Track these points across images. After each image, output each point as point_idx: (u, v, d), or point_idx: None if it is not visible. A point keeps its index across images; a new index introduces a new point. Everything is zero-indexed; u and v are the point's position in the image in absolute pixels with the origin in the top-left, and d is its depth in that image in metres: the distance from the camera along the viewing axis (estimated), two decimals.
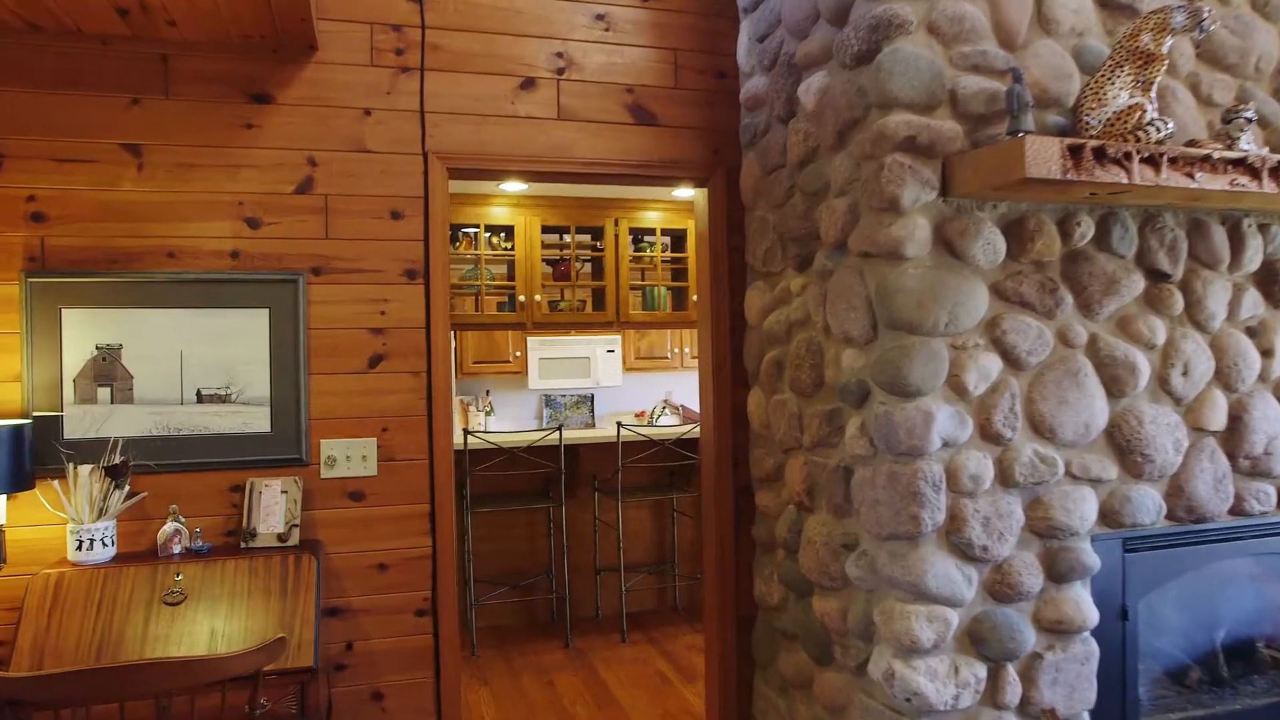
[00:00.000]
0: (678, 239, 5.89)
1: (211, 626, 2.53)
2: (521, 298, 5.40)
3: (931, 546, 2.40)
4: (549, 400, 7.63)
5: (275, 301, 2.88)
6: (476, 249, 5.40)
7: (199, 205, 2.85)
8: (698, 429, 5.10)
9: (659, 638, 5.05)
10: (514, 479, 5.10)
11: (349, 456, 2.93)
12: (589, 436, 5.29)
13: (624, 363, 7.52)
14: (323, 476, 2.91)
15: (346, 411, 2.93)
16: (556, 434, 4.88)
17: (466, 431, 4.75)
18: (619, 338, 7.44)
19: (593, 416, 7.68)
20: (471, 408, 7.30)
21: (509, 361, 7.26)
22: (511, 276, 5.50)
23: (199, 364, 2.83)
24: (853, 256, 2.57)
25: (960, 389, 2.42)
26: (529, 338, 7.25)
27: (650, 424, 7.37)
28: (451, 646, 3.01)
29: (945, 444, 2.40)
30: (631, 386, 7.86)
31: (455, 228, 5.40)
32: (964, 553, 2.41)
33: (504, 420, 7.54)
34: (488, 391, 7.46)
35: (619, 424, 4.95)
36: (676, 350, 7.63)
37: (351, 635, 2.93)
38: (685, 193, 5.45)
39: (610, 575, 5.34)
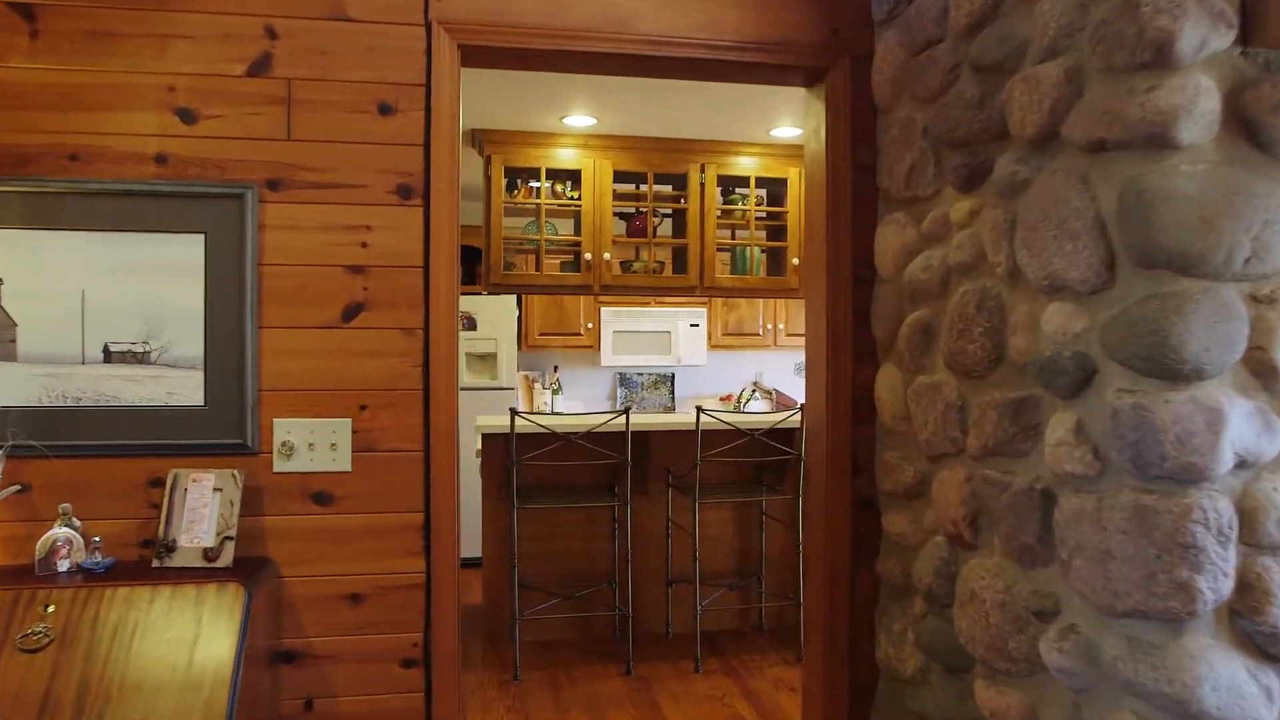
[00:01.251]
0: (775, 191, 4.90)
1: (83, 679, 1.72)
2: (588, 256, 4.51)
3: (1206, 635, 1.40)
4: (624, 379, 6.75)
5: (214, 224, 2.04)
6: (537, 198, 4.54)
7: (114, 90, 2.03)
8: (795, 417, 4.16)
9: (739, 668, 4.12)
10: (572, 470, 4.24)
11: (312, 443, 2.08)
12: (662, 422, 4.39)
13: (709, 339, 6.59)
14: (275, 470, 2.08)
15: (310, 381, 2.09)
16: (623, 418, 4.00)
17: (514, 412, 3.90)
18: (704, 310, 6.51)
19: (673, 398, 6.78)
20: (537, 384, 6.47)
21: (580, 334, 6.42)
22: (578, 231, 4.63)
23: (108, 309, 2.01)
24: (1071, 153, 1.58)
25: (1267, 370, 1.41)
26: (603, 308, 6.38)
27: (737, 409, 6.42)
28: (450, 709, 2.15)
29: (1240, 463, 1.40)
30: (717, 366, 6.92)
31: (512, 173, 4.55)
32: (1262, 648, 1.41)
33: (573, 400, 6.69)
34: (555, 367, 6.62)
35: (699, 409, 4.03)
36: (770, 326, 6.64)
37: (312, 690, 2.10)
38: (787, 132, 4.47)
39: (684, 587, 4.44)
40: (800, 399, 7.15)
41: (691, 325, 6.47)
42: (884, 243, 2.23)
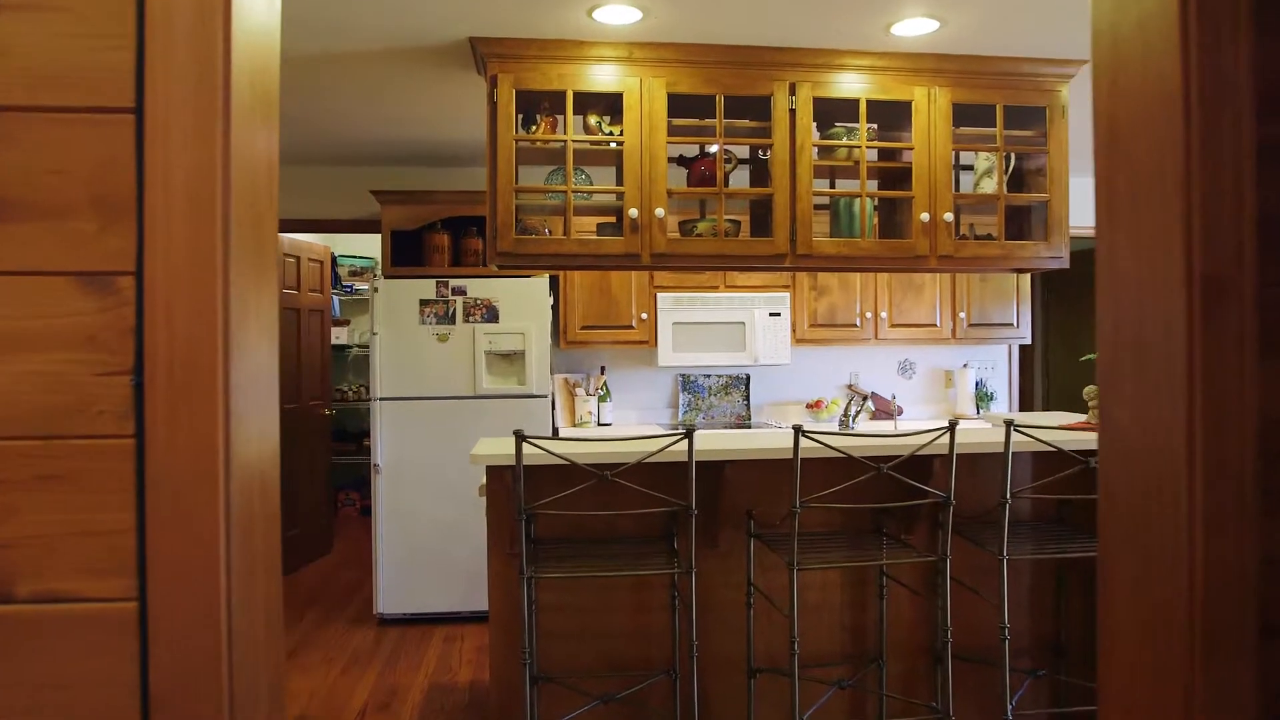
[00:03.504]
0: (892, 124, 3.48)
1: None
2: (634, 213, 3.17)
3: None
4: (686, 382, 5.38)
5: None
6: (562, 132, 3.21)
7: None
8: (944, 440, 2.67)
9: None
10: (611, 519, 2.90)
11: None
12: (742, 449, 3.00)
13: (793, 332, 5.18)
14: None
15: None
16: (684, 442, 2.64)
17: (521, 437, 2.56)
18: (787, 295, 5.09)
19: (747, 406, 5.38)
20: (579, 390, 5.15)
21: (632, 327, 5.07)
22: (619, 180, 3.29)
23: None
24: None
25: None
26: (659, 294, 5.02)
27: (845, 426, 4.98)
28: None
29: None
30: (802, 365, 5.50)
31: (527, 101, 3.23)
32: None
33: (624, 409, 5.35)
34: (602, 369, 5.29)
35: (799, 430, 2.64)
36: (869, 315, 5.20)
37: None
38: (916, 27, 3.05)
39: (772, 680, 3.06)
40: (906, 407, 5.67)
41: (771, 315, 5.06)
42: None
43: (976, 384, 5.45)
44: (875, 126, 3.48)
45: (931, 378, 5.57)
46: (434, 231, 4.80)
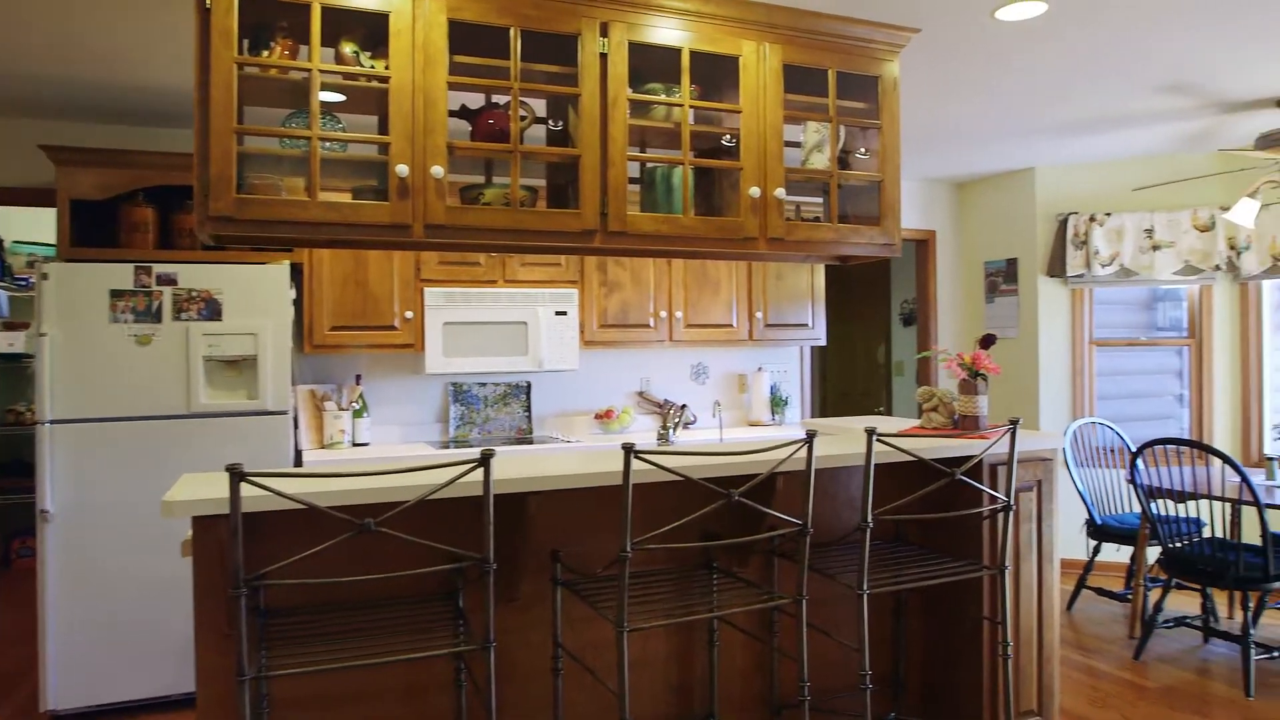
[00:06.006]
0: (714, 73, 2.93)
1: None
2: (402, 170, 2.38)
3: None
4: (458, 392, 4.59)
5: None
6: (305, 60, 2.35)
7: None
8: (800, 456, 2.07)
9: None
10: (371, 583, 2.10)
11: None
12: (548, 475, 2.28)
13: (582, 332, 4.55)
14: None
15: None
16: (479, 473, 1.90)
17: (237, 475, 1.71)
18: (575, 291, 4.46)
19: (529, 418, 4.68)
20: (329, 404, 4.20)
21: (394, 328, 4.22)
22: (384, 129, 2.49)
23: None
24: None
25: None
26: (427, 289, 4.21)
27: (662, 440, 4.35)
28: None
29: None
30: (591, 370, 4.90)
31: (257, 14, 2.33)
32: None
33: (385, 424, 4.47)
34: (358, 378, 4.37)
35: (630, 450, 1.99)
36: (664, 314, 4.68)
37: None
38: None
39: None
40: (699, 415, 5.16)
41: (558, 314, 4.40)
42: None
43: (771, 388, 5.10)
44: (698, 89, 2.92)
45: (726, 382, 5.15)
46: (134, 204, 3.69)
